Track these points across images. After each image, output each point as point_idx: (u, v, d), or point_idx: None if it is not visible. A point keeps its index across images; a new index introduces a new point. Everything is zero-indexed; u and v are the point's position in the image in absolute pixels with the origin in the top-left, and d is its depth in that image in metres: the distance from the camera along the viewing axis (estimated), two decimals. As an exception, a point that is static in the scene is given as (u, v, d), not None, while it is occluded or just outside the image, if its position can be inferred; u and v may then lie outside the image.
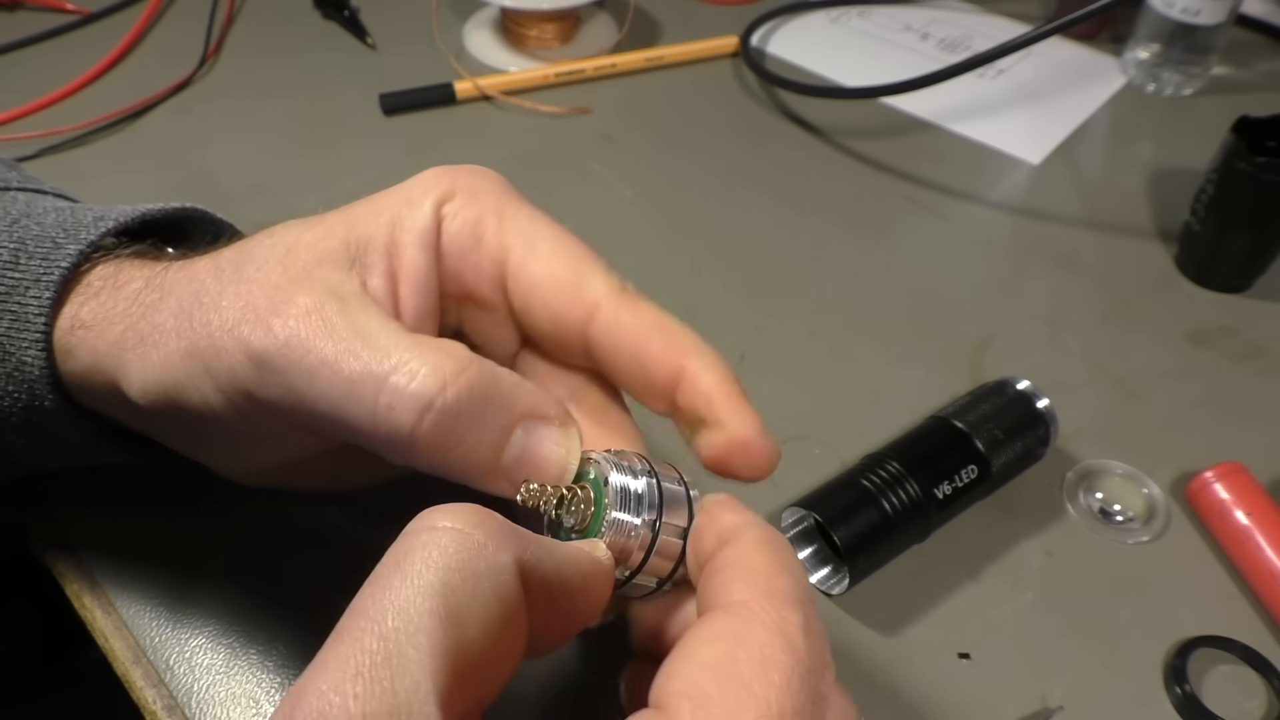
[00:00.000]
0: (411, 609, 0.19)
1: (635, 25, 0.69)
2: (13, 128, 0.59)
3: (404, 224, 0.28)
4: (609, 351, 0.28)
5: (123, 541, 0.38)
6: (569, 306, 0.28)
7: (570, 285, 0.28)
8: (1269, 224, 0.48)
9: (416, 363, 0.24)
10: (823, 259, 0.52)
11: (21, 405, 0.30)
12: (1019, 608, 0.37)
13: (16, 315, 0.29)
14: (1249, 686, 0.35)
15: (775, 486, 0.41)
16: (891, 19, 0.72)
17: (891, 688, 0.35)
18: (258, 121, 0.61)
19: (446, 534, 0.20)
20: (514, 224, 0.29)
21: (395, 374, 0.24)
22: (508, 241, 0.28)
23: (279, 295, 0.26)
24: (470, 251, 0.29)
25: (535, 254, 0.28)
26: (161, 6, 0.70)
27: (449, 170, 0.29)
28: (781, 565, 0.23)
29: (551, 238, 0.28)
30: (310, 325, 0.25)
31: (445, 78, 0.62)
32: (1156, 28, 0.62)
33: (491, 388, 0.25)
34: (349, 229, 0.28)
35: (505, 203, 0.29)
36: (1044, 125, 0.62)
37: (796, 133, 0.61)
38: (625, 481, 0.25)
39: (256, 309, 0.26)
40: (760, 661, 0.20)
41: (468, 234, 0.28)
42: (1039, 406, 0.40)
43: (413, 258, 0.28)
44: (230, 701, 0.34)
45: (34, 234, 0.31)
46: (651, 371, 0.27)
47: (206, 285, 0.27)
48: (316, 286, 0.26)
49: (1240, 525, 0.38)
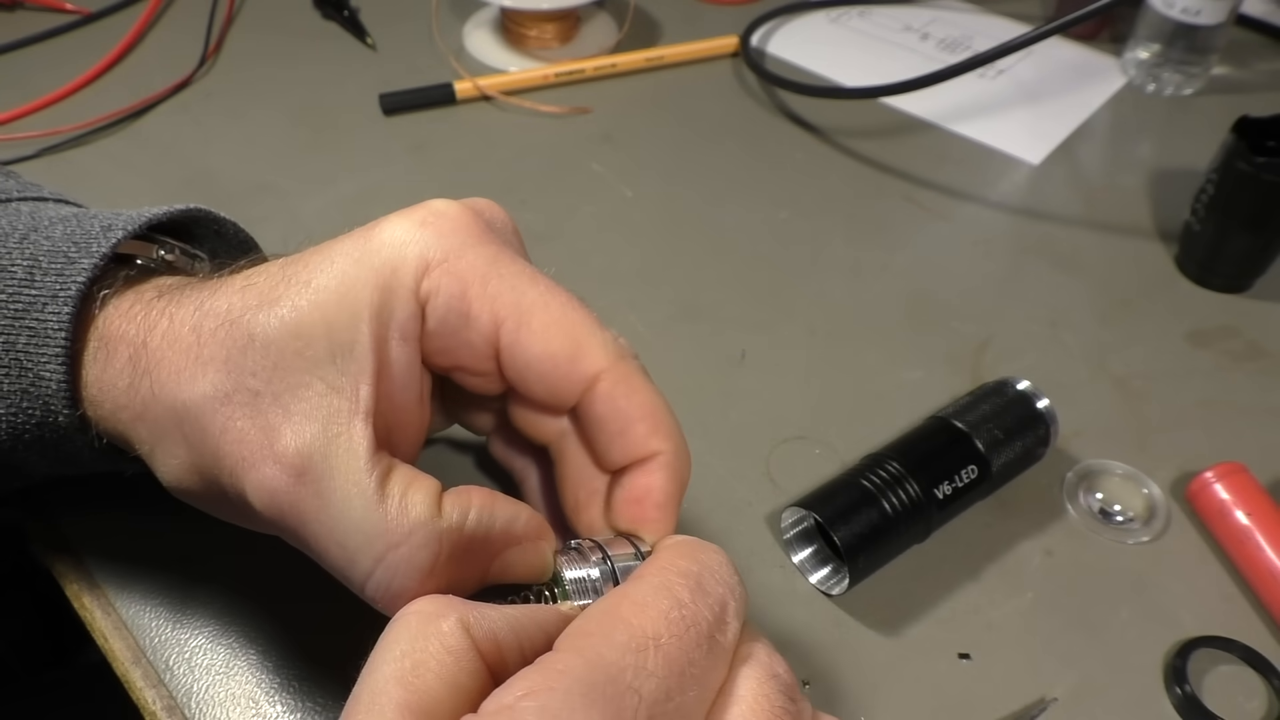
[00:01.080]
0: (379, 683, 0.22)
1: (635, 25, 0.69)
2: (13, 128, 0.59)
3: (382, 317, 0.27)
4: (596, 422, 0.29)
5: (123, 542, 0.38)
6: (566, 380, 0.28)
7: (566, 360, 0.28)
8: (1269, 224, 0.48)
9: (395, 557, 0.25)
10: (823, 259, 0.52)
11: (36, 421, 0.30)
12: (1019, 608, 0.37)
13: (35, 331, 0.29)
14: (1249, 687, 0.35)
15: (775, 486, 0.41)
16: (891, 19, 0.72)
17: (891, 688, 0.35)
18: (258, 121, 0.61)
19: (406, 617, 0.23)
20: (500, 290, 0.27)
21: (376, 572, 0.26)
22: (497, 314, 0.28)
23: (269, 441, 0.26)
24: (459, 330, 0.28)
25: (529, 328, 0.28)
26: (161, 6, 0.70)
27: (414, 227, 0.28)
28: (685, 552, 0.25)
29: (542, 304, 0.28)
30: (301, 496, 0.26)
31: (445, 78, 0.62)
32: (1156, 28, 0.62)
33: (468, 549, 0.26)
34: (329, 333, 0.26)
35: (485, 266, 0.28)
36: (1044, 125, 0.62)
37: (796, 133, 0.61)
38: (579, 574, 0.27)
39: (251, 453, 0.26)
40: (638, 604, 0.23)
41: (454, 313, 0.27)
42: (1039, 406, 0.40)
43: (395, 351, 0.27)
44: (230, 701, 0.34)
45: (45, 249, 0.31)
46: (624, 450, 0.29)
47: (199, 402, 0.27)
48: (308, 426, 0.26)
49: (1240, 525, 0.38)
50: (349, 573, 0.26)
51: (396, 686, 0.21)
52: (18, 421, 0.30)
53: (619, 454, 0.29)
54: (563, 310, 0.28)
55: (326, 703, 0.34)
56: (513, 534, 0.27)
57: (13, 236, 0.31)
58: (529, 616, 0.24)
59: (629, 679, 0.21)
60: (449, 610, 0.23)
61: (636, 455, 0.29)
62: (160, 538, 0.38)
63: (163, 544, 0.38)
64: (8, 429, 0.30)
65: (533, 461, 0.34)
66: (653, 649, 0.22)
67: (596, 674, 0.21)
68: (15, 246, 0.31)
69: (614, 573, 0.27)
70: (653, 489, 0.29)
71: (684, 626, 0.22)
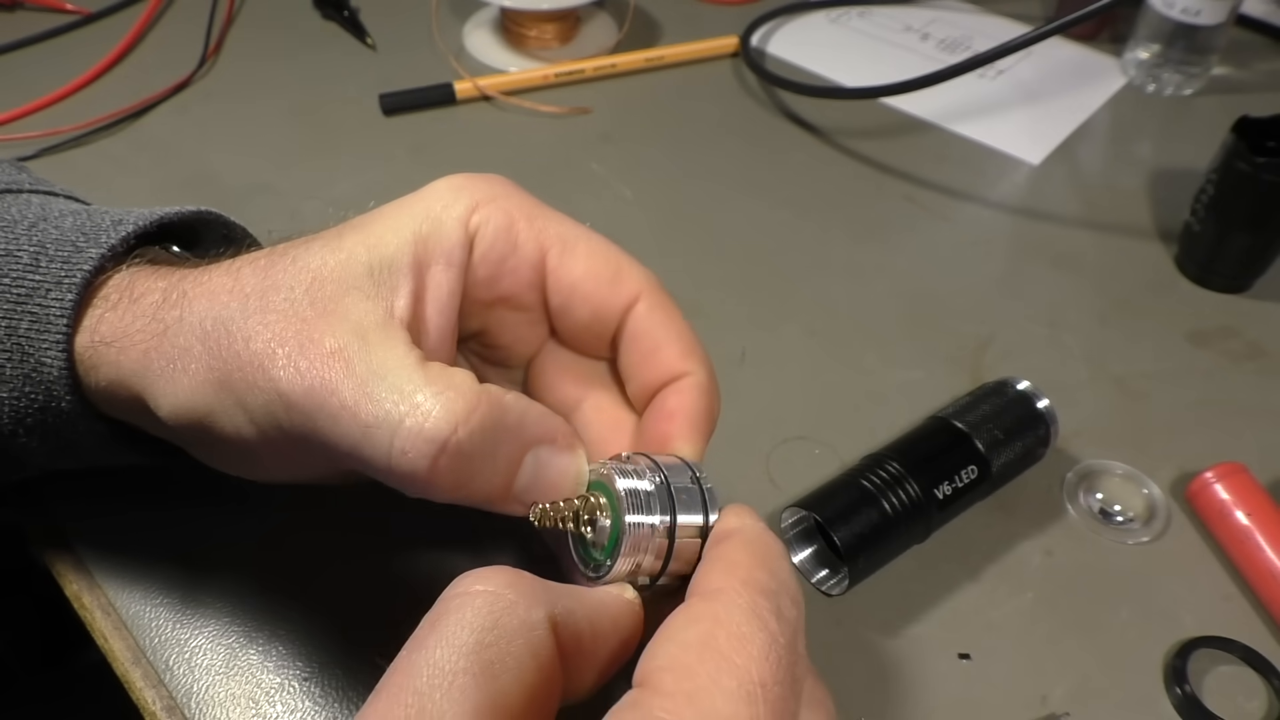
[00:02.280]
0: (446, 666, 0.20)
1: (635, 25, 0.69)
2: (13, 128, 0.59)
3: (428, 242, 0.28)
4: (632, 340, 0.30)
5: (122, 542, 0.38)
6: (610, 299, 0.30)
7: (609, 280, 0.30)
8: (1269, 224, 0.48)
9: (430, 403, 0.25)
10: (823, 259, 0.52)
11: (38, 406, 0.30)
12: (1019, 608, 0.37)
13: (37, 317, 0.29)
14: (1249, 687, 0.35)
15: (775, 486, 0.41)
16: (891, 19, 0.72)
17: (891, 688, 0.35)
18: (258, 121, 0.61)
19: (480, 597, 0.21)
20: (545, 225, 0.30)
21: (408, 418, 0.25)
22: (544, 243, 0.30)
23: (306, 331, 0.26)
24: (507, 257, 0.30)
25: (574, 252, 0.30)
26: (161, 6, 0.70)
27: (466, 179, 0.30)
28: (760, 560, 0.24)
29: (585, 236, 0.30)
30: (333, 368, 0.25)
31: (445, 78, 0.62)
32: (1156, 28, 0.62)
33: (501, 421, 0.26)
34: (371, 251, 0.28)
35: (530, 206, 0.30)
36: (1044, 125, 0.62)
37: (796, 133, 0.61)
38: (632, 485, 0.25)
39: (285, 345, 0.26)
40: (738, 637, 0.21)
41: (503, 241, 0.29)
42: (1039, 407, 0.40)
43: (438, 276, 0.28)
44: (230, 701, 0.34)
45: (53, 237, 0.31)
46: (658, 368, 0.30)
47: (232, 313, 0.27)
48: (342, 323, 0.26)
49: (1240, 525, 0.38)
50: (375, 431, 0.25)
51: (470, 681, 0.20)
52: (20, 406, 0.30)
53: (652, 373, 0.30)
54: (603, 242, 0.30)
55: (326, 703, 0.34)
56: (547, 427, 0.27)
57: (21, 224, 0.31)
58: (602, 607, 0.24)
59: None
60: (537, 602, 0.21)
61: (669, 374, 0.29)
62: (160, 538, 0.38)
63: (163, 544, 0.38)
64: (10, 413, 0.31)
65: None
66: (761, 698, 0.20)
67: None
68: (24, 233, 0.31)
69: (669, 489, 0.26)
70: (685, 406, 0.29)
71: (782, 670, 0.21)
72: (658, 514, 0.25)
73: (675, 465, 0.27)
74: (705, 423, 0.29)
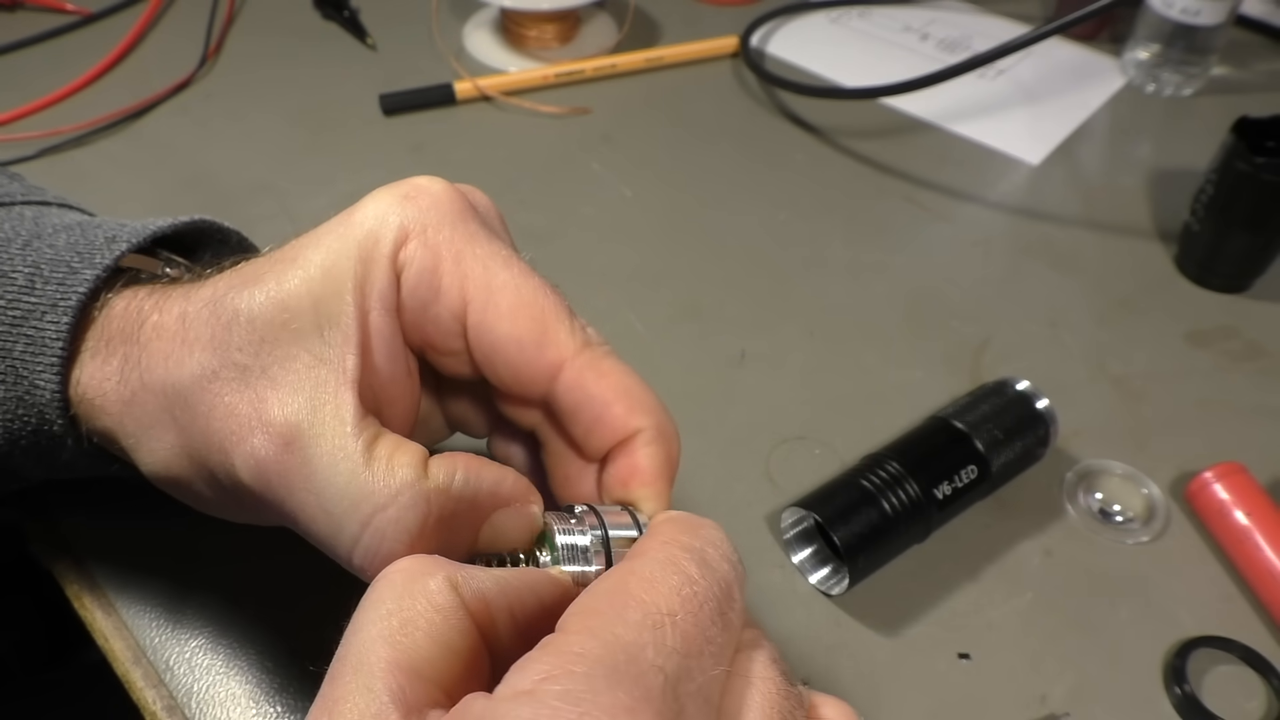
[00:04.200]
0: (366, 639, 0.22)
1: (635, 25, 0.69)
2: (13, 128, 0.59)
3: (364, 288, 0.27)
4: (569, 412, 0.28)
5: (123, 542, 0.38)
6: (531, 366, 0.27)
7: (533, 344, 0.27)
8: (1269, 224, 0.48)
9: (383, 520, 0.25)
10: (823, 259, 0.52)
11: (31, 429, 0.30)
12: (1019, 608, 0.37)
13: (32, 339, 0.29)
14: (1249, 686, 0.35)
15: (775, 486, 0.41)
16: (891, 19, 0.72)
17: (891, 688, 0.35)
18: (258, 121, 0.61)
19: (393, 573, 0.23)
20: (471, 269, 0.27)
21: (364, 537, 0.25)
22: (467, 292, 0.27)
23: (259, 408, 0.26)
24: (428, 305, 0.27)
25: (496, 309, 0.27)
26: (161, 7, 0.70)
27: (398, 199, 0.28)
28: (686, 528, 0.24)
29: (512, 286, 0.27)
30: (287, 462, 0.25)
31: (445, 78, 0.62)
32: (1156, 28, 0.62)
33: (454, 512, 0.26)
34: (316, 307, 0.26)
35: (458, 240, 0.27)
36: (1044, 125, 0.62)
37: (796, 133, 0.61)
38: (570, 540, 0.26)
39: (240, 426, 0.26)
40: (648, 580, 0.22)
41: (425, 286, 0.27)
42: (1039, 407, 0.40)
43: (378, 323, 0.27)
44: (230, 701, 0.34)
45: (48, 258, 0.31)
46: (603, 436, 0.28)
47: (187, 381, 0.27)
48: (294, 397, 0.26)
49: (1240, 525, 0.38)
50: (336, 540, 0.25)
51: (384, 645, 0.21)
52: (13, 428, 0.30)
53: (598, 441, 0.28)
54: (533, 295, 0.27)
55: (327, 703, 0.34)
56: (500, 495, 0.27)
57: (15, 243, 0.31)
58: (518, 578, 0.24)
59: (650, 657, 0.20)
60: (435, 568, 0.22)
61: (617, 438, 0.28)
62: (161, 539, 0.38)
63: (163, 545, 0.38)
64: (3, 434, 0.31)
65: (533, 456, 0.34)
66: (669, 625, 0.21)
67: (616, 654, 0.20)
68: (18, 253, 0.31)
69: (606, 541, 0.26)
70: (638, 467, 0.28)
71: (697, 603, 0.22)
72: (593, 565, 0.26)
73: (619, 518, 0.27)
74: (663, 477, 0.28)
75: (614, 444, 0.28)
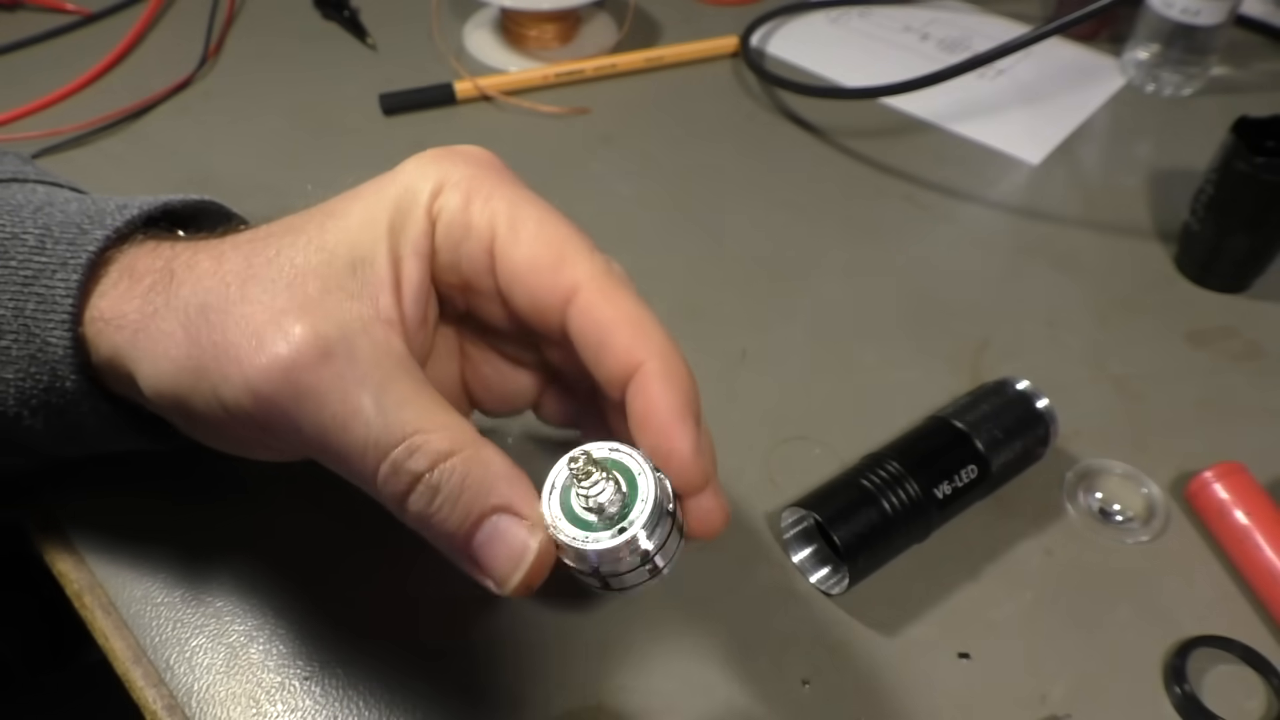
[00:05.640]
0: None
1: (635, 25, 0.69)
2: (13, 128, 0.59)
3: (401, 235, 0.28)
4: (578, 337, 0.28)
5: (123, 541, 0.38)
6: (547, 290, 0.28)
7: (549, 268, 0.28)
8: (1268, 224, 0.48)
9: (417, 438, 0.26)
10: (823, 259, 0.52)
11: (43, 387, 0.31)
12: (1019, 608, 0.37)
13: (43, 298, 0.30)
14: (1249, 686, 0.35)
15: (775, 486, 0.41)
16: (891, 19, 0.72)
17: (891, 688, 0.35)
18: (258, 121, 0.61)
19: None
20: (498, 206, 0.29)
21: (396, 450, 0.26)
22: (494, 225, 0.28)
23: (286, 325, 0.26)
24: (461, 242, 0.29)
25: (517, 237, 0.28)
26: (161, 6, 0.70)
27: (435, 158, 0.30)
28: None
29: (535, 218, 0.28)
30: (317, 376, 0.26)
31: (445, 78, 0.62)
32: (1156, 28, 0.62)
33: (477, 476, 0.26)
34: (351, 249, 0.28)
35: (490, 184, 0.29)
36: (1044, 125, 0.62)
37: (796, 133, 0.61)
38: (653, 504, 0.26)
39: (262, 340, 0.26)
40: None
41: (457, 225, 0.29)
42: (1039, 406, 0.40)
43: (410, 270, 0.28)
44: (230, 701, 0.34)
45: (59, 220, 0.31)
46: (610, 364, 0.28)
47: (213, 299, 0.27)
48: (325, 321, 0.26)
49: (1240, 525, 0.38)
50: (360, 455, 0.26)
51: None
52: (25, 387, 0.31)
53: (605, 371, 0.28)
54: (554, 225, 0.29)
55: (327, 702, 0.34)
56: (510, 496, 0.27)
57: (26, 209, 0.32)
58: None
59: None
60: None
61: (622, 369, 0.27)
62: (161, 537, 0.38)
63: (163, 543, 0.38)
64: (15, 394, 0.31)
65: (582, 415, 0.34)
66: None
67: None
68: (29, 217, 0.31)
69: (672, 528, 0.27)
70: (652, 404, 0.27)
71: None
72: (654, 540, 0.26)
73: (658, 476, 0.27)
74: (681, 417, 0.27)
75: (624, 377, 0.27)
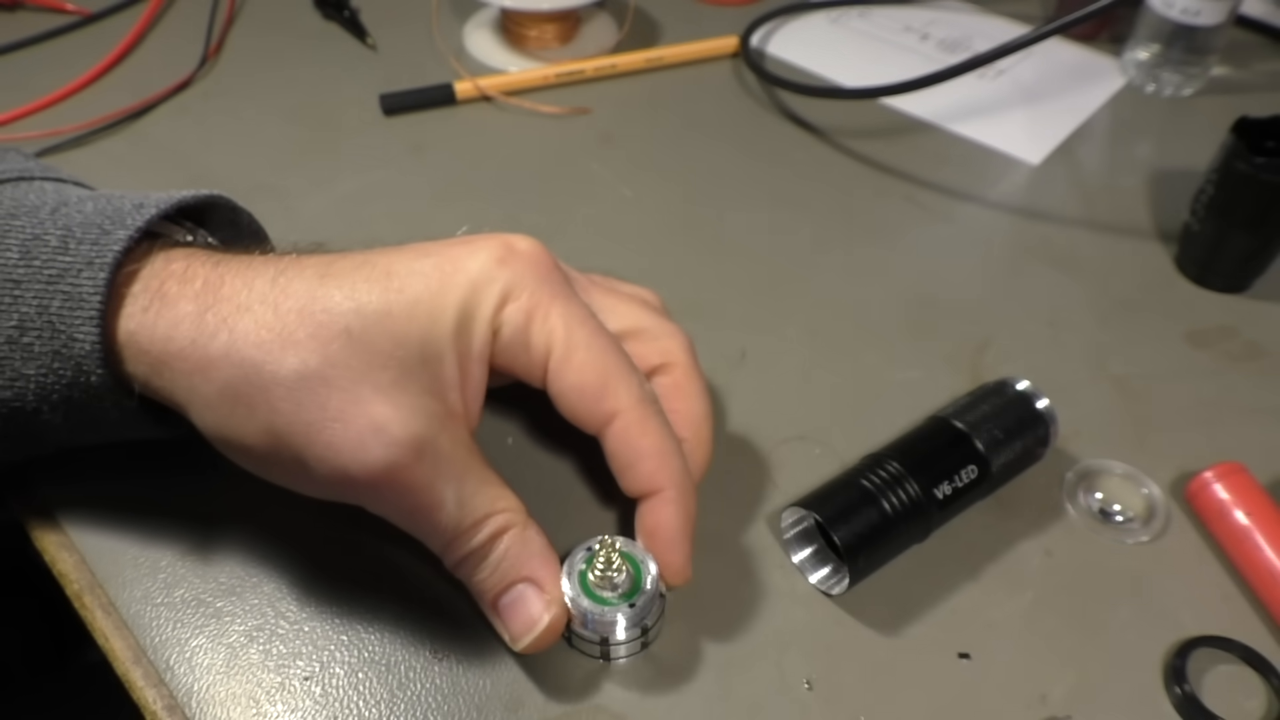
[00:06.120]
0: None
1: (635, 26, 0.69)
2: (13, 128, 0.59)
3: (468, 339, 0.32)
4: (612, 454, 0.34)
5: (123, 541, 0.38)
6: (591, 413, 0.33)
7: (594, 396, 0.33)
8: (1268, 224, 0.48)
9: (484, 524, 0.31)
10: (823, 259, 0.52)
11: (66, 382, 0.31)
12: (1019, 608, 0.37)
13: (70, 295, 0.30)
14: (1249, 686, 0.35)
15: (775, 486, 0.41)
16: (891, 19, 0.72)
17: (891, 688, 0.35)
18: (258, 121, 0.61)
19: None
20: (555, 327, 0.32)
21: (466, 535, 0.31)
22: (550, 344, 0.32)
23: (387, 427, 0.29)
24: (519, 354, 0.33)
25: (570, 361, 0.32)
26: (161, 7, 0.70)
27: (502, 261, 0.32)
28: None
29: (585, 344, 0.33)
30: (411, 475, 0.30)
31: (445, 78, 0.62)
32: (1156, 28, 0.62)
33: (516, 551, 0.32)
34: (422, 344, 0.30)
35: (548, 300, 0.32)
36: (1044, 126, 0.62)
37: (796, 133, 0.61)
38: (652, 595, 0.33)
39: (364, 440, 0.29)
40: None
41: (517, 343, 0.32)
42: (1039, 407, 0.40)
43: (474, 372, 0.32)
44: (230, 701, 0.34)
45: (79, 220, 0.31)
46: (634, 481, 0.34)
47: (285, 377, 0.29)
48: (415, 419, 0.30)
49: (1240, 525, 0.38)
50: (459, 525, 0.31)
51: None
52: (47, 382, 0.31)
53: (630, 484, 0.34)
54: (601, 353, 0.33)
55: (327, 702, 0.34)
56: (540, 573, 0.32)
57: (43, 209, 0.32)
58: None
59: None
60: None
61: (644, 488, 0.34)
62: (162, 537, 0.38)
63: (164, 543, 0.38)
64: (36, 390, 0.31)
65: None
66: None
67: None
68: (47, 218, 0.32)
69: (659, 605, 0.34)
70: (661, 524, 0.33)
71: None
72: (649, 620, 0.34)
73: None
74: (683, 536, 0.34)
75: (643, 493, 0.34)
